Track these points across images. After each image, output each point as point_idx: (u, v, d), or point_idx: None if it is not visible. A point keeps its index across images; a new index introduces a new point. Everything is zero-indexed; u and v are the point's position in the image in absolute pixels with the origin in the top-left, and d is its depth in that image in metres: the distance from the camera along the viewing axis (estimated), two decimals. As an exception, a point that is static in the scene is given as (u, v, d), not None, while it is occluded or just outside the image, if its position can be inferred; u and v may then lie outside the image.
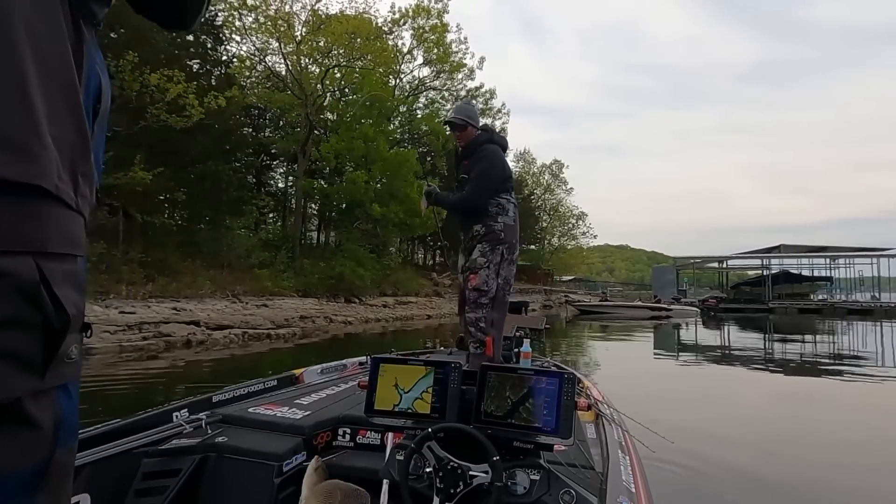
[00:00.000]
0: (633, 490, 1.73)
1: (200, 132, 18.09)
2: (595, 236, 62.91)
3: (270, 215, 29.34)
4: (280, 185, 31.26)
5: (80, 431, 1.88)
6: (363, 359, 3.78)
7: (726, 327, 22.17)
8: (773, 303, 36.77)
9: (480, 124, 3.54)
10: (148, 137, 16.43)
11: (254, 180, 27.30)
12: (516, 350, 3.59)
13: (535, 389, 1.68)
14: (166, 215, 19.20)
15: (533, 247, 55.63)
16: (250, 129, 27.06)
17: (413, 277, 30.01)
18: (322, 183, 26.46)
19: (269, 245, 23.19)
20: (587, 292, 54.28)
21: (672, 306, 29.59)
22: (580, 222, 58.95)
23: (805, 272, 41.90)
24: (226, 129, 21.35)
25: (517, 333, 3.76)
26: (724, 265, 46.34)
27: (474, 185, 3.28)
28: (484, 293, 3.29)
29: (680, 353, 13.10)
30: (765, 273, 40.48)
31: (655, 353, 13.45)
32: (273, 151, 28.03)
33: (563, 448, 1.88)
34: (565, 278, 66.82)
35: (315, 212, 31.17)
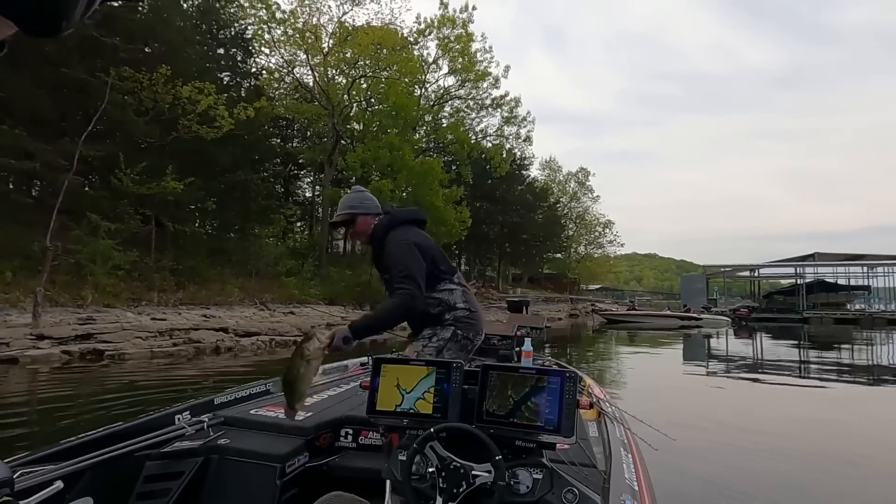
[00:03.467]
0: (636, 488, 1.73)
1: (230, 143, 18.50)
2: (622, 245, 62.27)
3: (298, 224, 29.78)
4: (307, 194, 31.77)
5: (83, 435, 1.91)
6: (364, 359, 3.78)
7: (758, 337, 21.64)
8: (807, 312, 35.77)
9: (382, 207, 2.78)
10: (179, 148, 16.87)
11: (282, 190, 27.79)
12: (517, 349, 3.55)
13: (537, 388, 1.67)
14: (197, 224, 19.64)
15: (559, 255, 55.28)
16: (278, 140, 27.59)
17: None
18: (348, 192, 26.71)
19: (297, 253, 23.53)
20: (614, 301, 53.60)
21: (702, 316, 29.00)
22: (607, 230, 58.42)
23: (841, 281, 40.67)
24: (255, 140, 21.79)
25: (518, 332, 3.73)
26: (756, 274, 45.30)
27: (399, 281, 2.44)
28: None
29: (709, 364, 12.82)
30: (799, 282, 39.45)
31: (684, 364, 13.19)
32: (300, 161, 28.48)
33: (566, 446, 1.87)
34: (592, 287, 66.17)
35: (341, 221, 31.43)
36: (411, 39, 28.32)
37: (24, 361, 8.39)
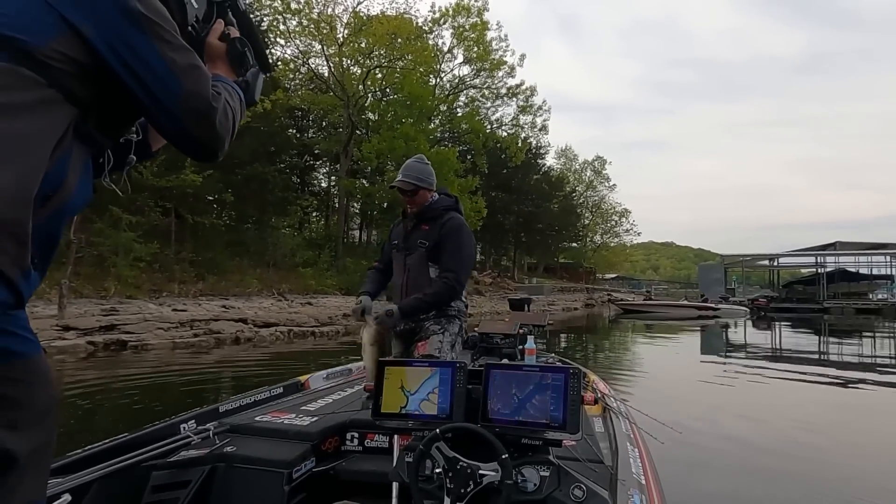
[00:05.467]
0: (644, 482, 1.75)
1: (247, 135, 18.66)
2: (639, 233, 61.94)
3: (314, 215, 29.99)
4: (323, 184, 31.92)
5: (89, 447, 1.94)
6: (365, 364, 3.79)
7: (777, 328, 21.42)
8: (828, 302, 35.25)
9: (438, 186, 2.94)
10: (197, 141, 17.04)
11: (298, 181, 27.96)
12: (521, 347, 3.53)
13: (541, 386, 1.67)
14: (215, 216, 19.88)
15: (575, 245, 55.02)
16: (294, 131, 27.73)
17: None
18: (364, 182, 26.85)
19: (313, 244, 23.72)
20: (631, 291, 53.28)
21: (720, 306, 28.73)
22: (623, 219, 58.03)
23: (863, 270, 39.98)
24: (271, 132, 21.96)
25: (521, 331, 3.73)
26: (776, 263, 44.68)
27: (456, 267, 2.69)
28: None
29: (726, 355, 12.73)
30: (819, 271, 38.86)
31: (701, 356, 13.11)
32: (316, 152, 28.61)
33: (572, 443, 1.88)
34: (608, 276, 65.86)
35: (357, 211, 31.67)
36: (426, 28, 28.23)
37: (51, 352, 8.61)
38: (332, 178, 30.30)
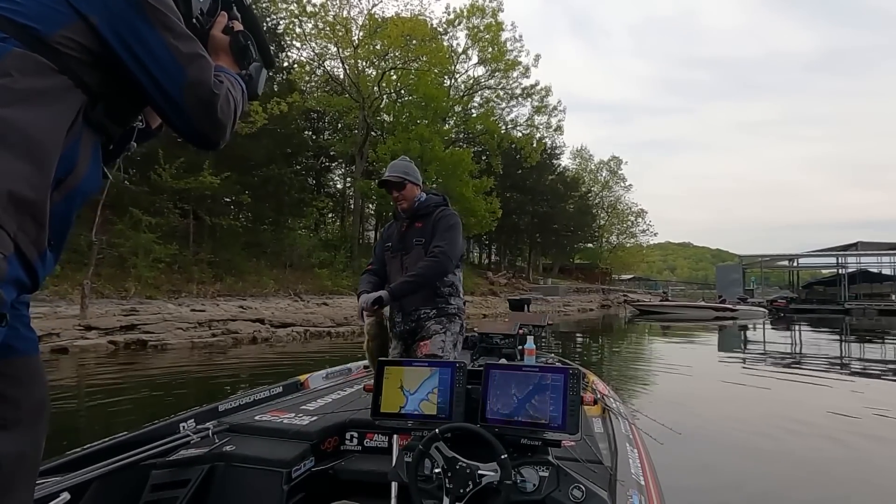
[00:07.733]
0: (643, 483, 1.76)
1: (264, 137, 18.86)
2: (655, 234, 61.34)
3: (330, 216, 30.18)
4: (339, 186, 32.13)
5: (88, 446, 1.96)
6: (367, 362, 3.82)
7: (796, 329, 21.10)
8: (849, 303, 34.64)
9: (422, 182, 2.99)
10: (215, 143, 17.28)
11: (314, 182, 28.17)
12: (520, 347, 3.54)
13: (541, 386, 1.67)
14: (233, 217, 20.10)
15: (590, 245, 54.71)
16: (310, 133, 27.94)
17: (468, 276, 30.10)
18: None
19: (329, 245, 23.88)
20: (647, 291, 52.83)
21: (738, 307, 28.37)
22: (639, 220, 57.52)
23: (886, 271, 39.21)
24: (287, 134, 22.17)
25: (521, 331, 3.73)
26: (795, 264, 44.04)
27: (445, 243, 2.66)
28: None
29: (742, 358, 12.57)
30: (840, 272, 38.21)
31: (718, 357, 12.97)
32: (332, 154, 28.81)
33: (571, 443, 1.89)
34: (624, 277, 65.31)
35: (372, 212, 31.81)
36: (440, 30, 28.27)
37: (74, 351, 8.82)
38: (348, 179, 30.51)
